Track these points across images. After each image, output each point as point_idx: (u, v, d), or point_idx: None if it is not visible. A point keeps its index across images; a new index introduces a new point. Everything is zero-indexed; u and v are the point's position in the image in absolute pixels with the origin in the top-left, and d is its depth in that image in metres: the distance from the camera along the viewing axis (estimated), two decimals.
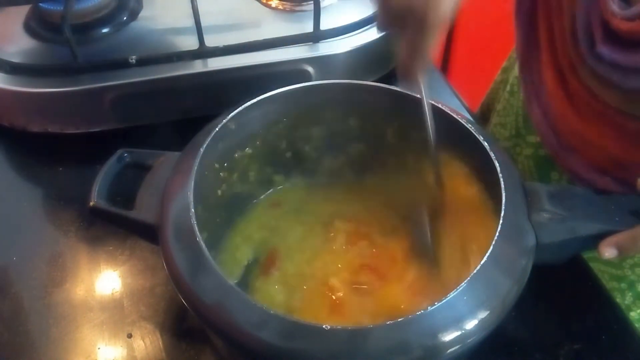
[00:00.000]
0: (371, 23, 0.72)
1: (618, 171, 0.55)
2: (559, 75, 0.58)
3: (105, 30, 0.71)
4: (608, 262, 0.61)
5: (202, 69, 0.67)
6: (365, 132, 0.57)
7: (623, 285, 0.62)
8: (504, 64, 0.80)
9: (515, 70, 0.71)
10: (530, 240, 0.44)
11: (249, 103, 0.51)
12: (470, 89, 0.87)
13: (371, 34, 0.71)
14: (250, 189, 0.58)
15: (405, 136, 0.56)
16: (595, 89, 0.53)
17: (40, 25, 0.71)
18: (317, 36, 0.69)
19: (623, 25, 0.47)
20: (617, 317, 0.54)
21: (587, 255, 0.58)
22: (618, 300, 0.61)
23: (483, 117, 0.82)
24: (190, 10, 0.67)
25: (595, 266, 0.58)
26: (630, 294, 0.62)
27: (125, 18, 0.72)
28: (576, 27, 0.53)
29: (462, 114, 0.51)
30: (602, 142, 0.55)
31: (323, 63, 0.69)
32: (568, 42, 0.55)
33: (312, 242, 0.55)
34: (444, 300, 0.38)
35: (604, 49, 0.49)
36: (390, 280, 0.51)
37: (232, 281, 0.40)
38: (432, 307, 0.38)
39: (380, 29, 0.51)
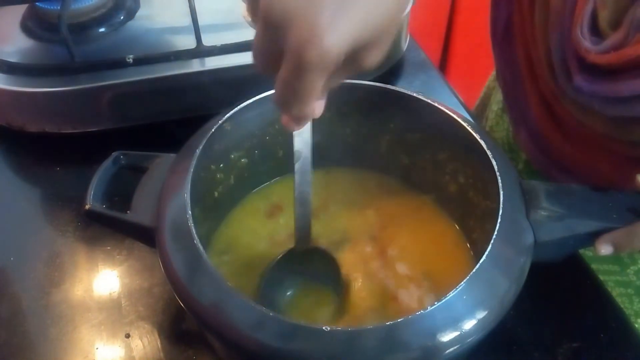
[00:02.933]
0: None
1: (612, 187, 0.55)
2: (544, 101, 0.58)
3: (102, 29, 0.71)
4: (611, 271, 0.61)
5: (199, 68, 0.67)
6: (362, 132, 0.57)
7: (630, 290, 0.62)
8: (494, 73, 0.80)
9: None
10: (529, 239, 0.44)
11: (244, 104, 0.51)
12: (468, 88, 0.87)
13: None
14: (246, 189, 0.58)
15: (401, 135, 0.56)
16: (578, 116, 0.53)
17: (37, 25, 0.71)
18: None
19: (599, 59, 0.47)
20: (616, 316, 0.54)
21: (592, 265, 0.58)
22: (626, 305, 0.61)
23: (478, 119, 0.82)
24: (188, 9, 0.67)
25: (599, 276, 0.58)
26: (637, 299, 0.62)
27: (122, 17, 0.72)
28: (552, 60, 0.53)
29: (459, 113, 0.51)
30: (592, 164, 0.56)
31: None
32: (546, 73, 0.55)
33: None
34: (443, 300, 0.38)
35: (581, 82, 0.49)
36: None
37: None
38: (431, 307, 0.38)
39: (256, 67, 0.36)
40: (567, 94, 0.52)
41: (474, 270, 0.40)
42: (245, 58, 0.67)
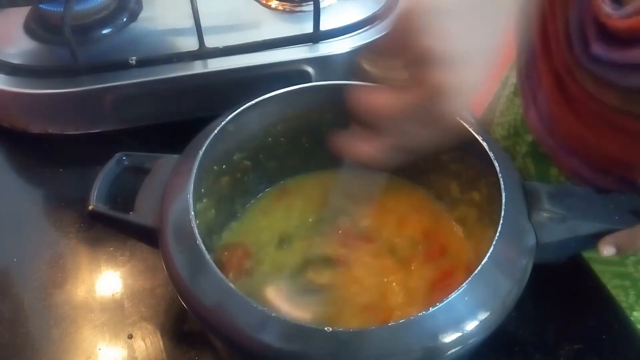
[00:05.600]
0: (371, 23, 0.72)
1: (619, 171, 0.55)
2: (557, 80, 0.58)
3: (105, 31, 0.71)
4: (610, 261, 0.61)
5: (202, 69, 0.67)
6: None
7: (627, 282, 0.62)
8: (511, 64, 0.80)
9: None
10: (531, 240, 0.44)
11: (247, 105, 0.51)
12: None
13: (371, 34, 0.71)
14: (249, 190, 0.58)
15: None
16: (592, 90, 0.53)
17: (41, 27, 0.71)
18: (316, 37, 0.69)
19: (620, 24, 0.47)
20: (617, 317, 0.54)
21: (587, 255, 0.58)
22: (621, 298, 0.61)
23: (488, 118, 0.82)
24: (190, 11, 0.67)
25: (596, 267, 0.58)
26: (633, 292, 0.62)
27: (125, 19, 0.72)
28: (569, 30, 0.53)
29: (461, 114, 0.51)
30: (601, 144, 0.55)
31: (323, 63, 0.69)
32: (563, 46, 0.55)
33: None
34: (445, 302, 0.38)
35: (598, 49, 0.50)
36: None
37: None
38: (432, 308, 0.38)
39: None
40: (582, 66, 0.52)
41: (475, 271, 0.40)
42: (247, 59, 0.68)
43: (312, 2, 0.69)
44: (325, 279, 0.51)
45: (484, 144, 0.48)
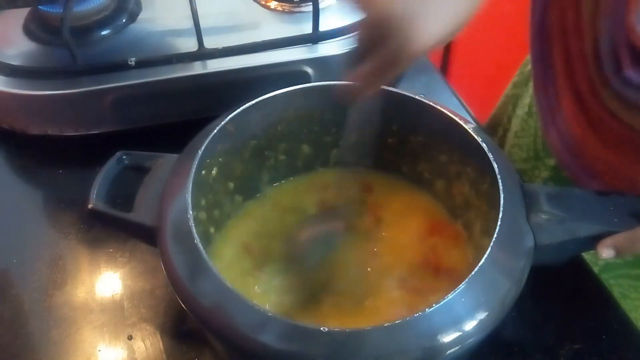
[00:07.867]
0: None
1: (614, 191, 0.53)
2: (578, 100, 0.56)
3: (104, 32, 0.71)
4: (629, 263, 0.61)
5: (201, 70, 0.67)
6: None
7: None
8: (515, 78, 0.77)
9: (531, 90, 0.69)
10: (529, 242, 0.44)
11: (246, 105, 0.51)
12: (469, 90, 0.87)
13: None
14: (248, 190, 0.58)
15: (404, 138, 0.56)
16: (619, 112, 0.51)
17: (40, 28, 0.71)
18: (316, 37, 0.69)
19: None
20: (617, 317, 0.54)
21: (623, 271, 0.57)
22: (635, 316, 0.60)
23: (492, 131, 0.80)
24: (189, 12, 0.67)
25: (615, 272, 0.58)
26: None
27: (124, 20, 0.72)
28: (599, 51, 0.51)
29: (461, 115, 0.51)
30: (626, 168, 0.54)
31: (322, 64, 0.69)
32: (590, 65, 0.53)
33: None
34: (443, 302, 0.38)
35: (631, 73, 0.48)
36: None
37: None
38: (430, 308, 0.38)
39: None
40: (611, 88, 0.51)
41: (473, 272, 0.40)
42: (246, 60, 0.68)
43: (311, 3, 0.69)
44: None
45: (484, 145, 0.48)
